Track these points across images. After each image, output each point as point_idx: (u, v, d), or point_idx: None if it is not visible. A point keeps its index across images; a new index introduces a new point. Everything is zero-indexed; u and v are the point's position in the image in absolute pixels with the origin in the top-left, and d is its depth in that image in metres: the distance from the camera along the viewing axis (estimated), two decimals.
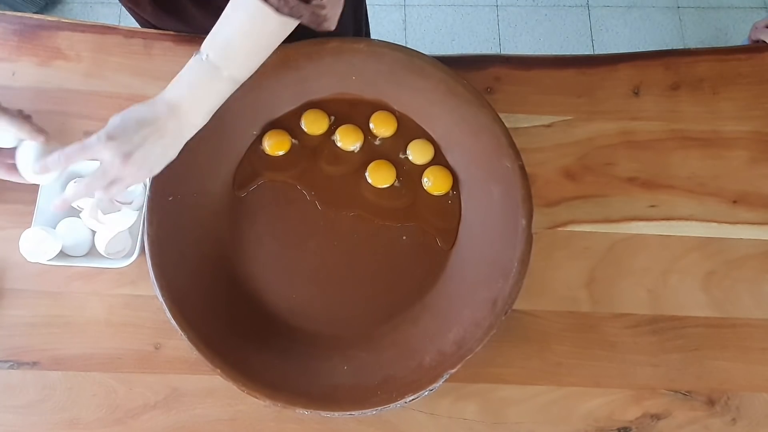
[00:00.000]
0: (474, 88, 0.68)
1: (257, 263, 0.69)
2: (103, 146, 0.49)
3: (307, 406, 0.60)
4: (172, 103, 0.52)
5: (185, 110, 0.52)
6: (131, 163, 0.51)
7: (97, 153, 0.50)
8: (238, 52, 0.52)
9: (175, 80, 0.52)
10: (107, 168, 0.51)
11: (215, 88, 0.53)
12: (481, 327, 0.62)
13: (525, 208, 0.64)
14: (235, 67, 0.53)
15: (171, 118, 0.51)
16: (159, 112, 0.51)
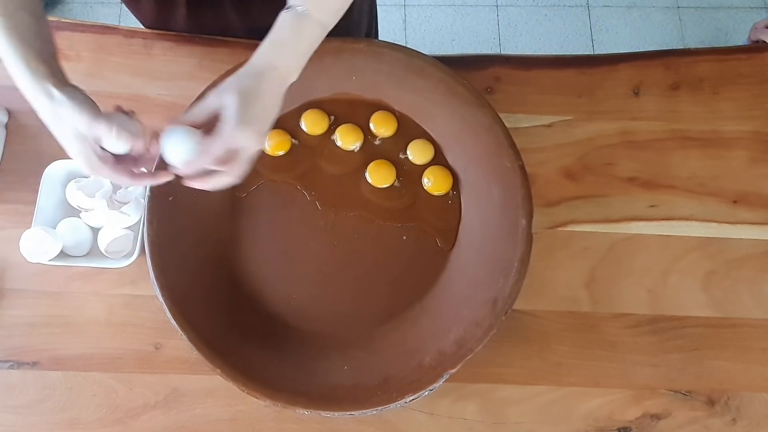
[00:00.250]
0: (474, 88, 0.68)
1: (257, 263, 0.69)
2: (240, 134, 0.50)
3: (307, 406, 0.60)
4: (274, 64, 0.52)
5: (286, 66, 0.53)
6: (264, 136, 0.53)
7: (236, 142, 0.50)
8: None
9: (269, 40, 0.52)
10: (248, 150, 0.52)
11: (308, 35, 0.53)
12: (481, 327, 0.62)
13: (525, 208, 0.64)
14: (324, 12, 0.53)
15: (276, 80, 0.52)
16: (268, 77, 0.52)
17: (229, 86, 0.50)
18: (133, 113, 0.54)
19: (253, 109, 0.50)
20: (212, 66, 0.77)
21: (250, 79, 0.51)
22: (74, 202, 0.68)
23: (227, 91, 0.50)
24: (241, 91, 0.50)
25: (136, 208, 0.69)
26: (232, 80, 0.51)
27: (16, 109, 0.75)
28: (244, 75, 0.51)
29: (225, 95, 0.50)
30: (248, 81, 0.51)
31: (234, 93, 0.50)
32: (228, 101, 0.50)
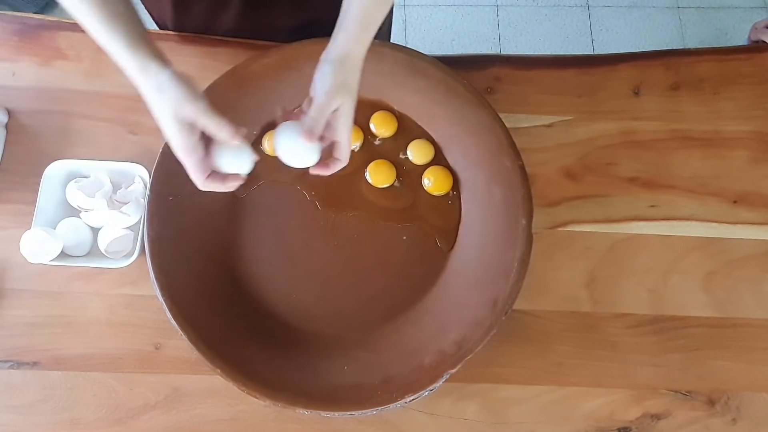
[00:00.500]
0: (474, 88, 0.68)
1: (257, 263, 0.69)
2: (334, 99, 0.54)
3: (307, 406, 0.60)
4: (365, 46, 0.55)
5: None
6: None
7: (332, 105, 0.54)
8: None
9: (358, 22, 0.54)
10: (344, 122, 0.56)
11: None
12: (482, 327, 0.62)
13: (525, 208, 0.64)
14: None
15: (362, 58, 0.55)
16: (361, 61, 0.55)
17: (344, 88, 0.54)
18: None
19: (355, 104, 0.55)
20: (213, 66, 0.77)
21: (355, 74, 0.55)
22: (74, 202, 0.68)
23: (344, 95, 0.54)
24: (352, 92, 0.55)
25: (136, 208, 0.69)
26: (343, 77, 0.54)
27: (16, 109, 0.75)
28: (350, 68, 0.55)
29: (344, 99, 0.54)
30: (354, 78, 0.55)
31: (349, 96, 0.54)
32: (345, 105, 0.54)
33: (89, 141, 0.74)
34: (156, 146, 0.66)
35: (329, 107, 0.54)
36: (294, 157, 0.57)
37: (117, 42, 0.50)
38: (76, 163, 0.70)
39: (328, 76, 0.54)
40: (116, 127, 0.75)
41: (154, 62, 0.51)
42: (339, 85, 0.54)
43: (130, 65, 0.51)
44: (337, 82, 0.54)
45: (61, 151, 0.73)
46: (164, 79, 0.50)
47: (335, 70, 0.54)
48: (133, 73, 0.51)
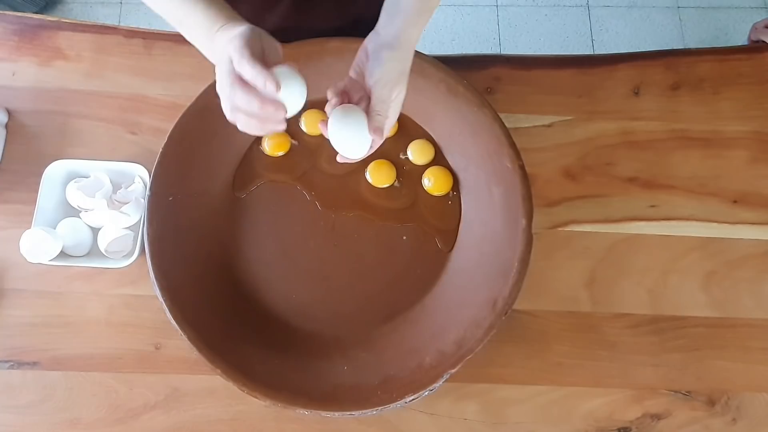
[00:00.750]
0: (474, 88, 0.68)
1: (257, 263, 0.69)
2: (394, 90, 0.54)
3: (307, 406, 0.60)
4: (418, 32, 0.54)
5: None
6: None
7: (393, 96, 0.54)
8: None
9: (413, 11, 0.53)
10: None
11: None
12: (481, 327, 0.62)
13: (525, 208, 0.64)
14: None
15: None
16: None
17: (401, 78, 0.53)
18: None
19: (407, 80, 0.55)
20: (212, 66, 0.76)
21: (409, 62, 0.54)
22: (74, 202, 0.68)
23: (403, 85, 0.54)
24: (405, 83, 0.54)
25: (136, 208, 0.69)
26: (398, 67, 0.53)
27: (16, 109, 0.75)
28: (405, 58, 0.54)
29: (401, 88, 0.54)
30: (408, 66, 0.54)
31: (405, 87, 0.54)
32: (401, 95, 0.54)
33: (89, 141, 0.74)
34: (156, 146, 0.66)
35: (391, 99, 0.53)
36: (351, 147, 0.55)
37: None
38: (75, 163, 0.70)
39: (388, 64, 0.52)
40: (116, 127, 0.75)
41: (219, 20, 0.52)
42: (399, 74, 0.53)
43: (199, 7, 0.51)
44: (398, 71, 0.53)
45: (61, 151, 0.73)
46: (231, 26, 0.50)
47: (395, 57, 0.53)
48: (201, 12, 0.51)
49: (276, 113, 0.48)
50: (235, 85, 0.47)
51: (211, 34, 0.52)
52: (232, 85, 0.47)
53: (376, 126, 0.53)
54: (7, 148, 0.74)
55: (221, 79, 0.48)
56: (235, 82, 0.47)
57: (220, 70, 0.48)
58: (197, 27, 0.53)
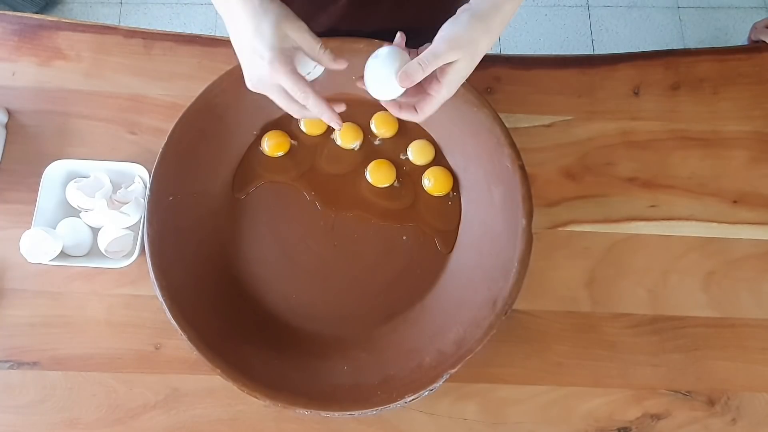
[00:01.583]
0: (474, 88, 0.68)
1: (257, 263, 0.69)
2: (449, 96, 0.51)
3: (307, 406, 0.60)
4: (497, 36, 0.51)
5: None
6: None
7: (446, 98, 0.51)
8: None
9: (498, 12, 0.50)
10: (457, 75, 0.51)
11: None
12: (481, 327, 0.62)
13: (525, 208, 0.64)
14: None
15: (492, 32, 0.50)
16: (488, 50, 0.51)
17: (467, 44, 0.49)
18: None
19: (471, 70, 0.50)
20: (212, 66, 0.77)
21: (484, 35, 0.49)
22: (74, 202, 0.68)
23: (465, 50, 0.49)
24: (474, 53, 0.49)
25: (136, 208, 0.69)
26: (470, 34, 0.49)
27: (16, 109, 0.75)
28: (479, 29, 0.49)
29: (462, 54, 0.49)
30: (482, 39, 0.49)
31: (469, 55, 0.49)
32: (461, 62, 0.49)
33: (89, 141, 0.74)
34: (156, 146, 0.66)
35: (444, 58, 0.49)
36: (379, 87, 0.52)
37: None
38: (75, 163, 0.70)
39: (460, 25, 0.48)
40: (116, 127, 0.75)
41: None
42: (467, 40, 0.48)
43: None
44: (467, 35, 0.48)
45: (61, 151, 0.73)
46: (269, 2, 0.49)
47: (472, 22, 0.49)
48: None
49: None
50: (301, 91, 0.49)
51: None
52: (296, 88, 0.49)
53: (405, 70, 0.49)
54: (7, 148, 0.74)
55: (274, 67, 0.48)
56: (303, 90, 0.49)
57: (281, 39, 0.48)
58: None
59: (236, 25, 0.50)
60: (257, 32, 0.48)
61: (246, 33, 0.49)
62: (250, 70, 0.51)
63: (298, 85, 0.50)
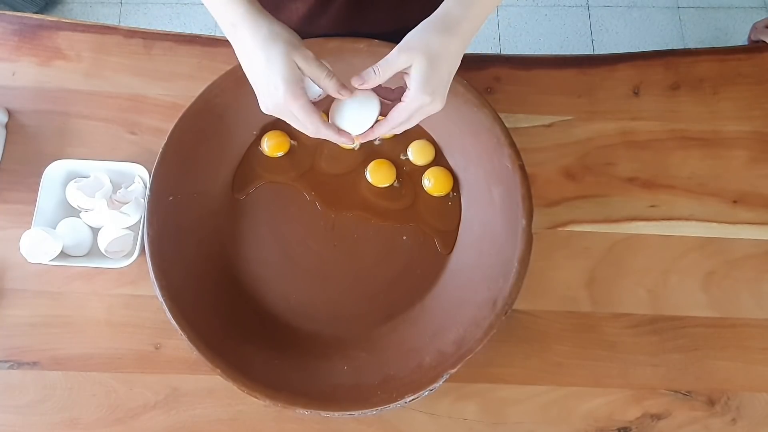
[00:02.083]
0: (474, 88, 0.68)
1: (257, 263, 0.69)
2: (425, 97, 0.50)
3: (307, 406, 0.60)
4: (462, 17, 0.49)
5: (473, 22, 0.50)
6: (444, 99, 0.52)
7: (419, 106, 0.50)
8: None
9: (460, 12, 0.50)
10: (428, 113, 0.52)
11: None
12: (481, 327, 0.62)
13: (525, 208, 0.64)
14: None
15: (462, 37, 0.50)
16: (455, 35, 0.49)
17: (419, 46, 0.49)
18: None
19: (439, 73, 0.49)
20: (212, 66, 0.77)
21: (439, 37, 0.49)
22: (74, 202, 0.68)
23: (416, 52, 0.48)
24: (429, 53, 0.48)
25: (136, 208, 0.69)
26: (421, 37, 0.49)
27: (16, 109, 0.75)
28: (432, 31, 0.49)
29: (414, 56, 0.48)
30: (437, 40, 0.49)
31: (422, 55, 0.48)
32: (416, 64, 0.48)
33: (89, 141, 0.74)
34: (156, 146, 0.66)
35: (396, 62, 0.49)
36: (348, 121, 0.54)
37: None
38: (75, 163, 0.70)
39: (415, 30, 0.49)
40: (116, 127, 0.75)
41: (262, 13, 0.50)
42: (419, 43, 0.48)
43: (235, 11, 0.49)
44: (418, 38, 0.49)
45: (61, 151, 0.73)
46: (278, 28, 0.50)
47: (425, 26, 0.49)
48: (237, 19, 0.49)
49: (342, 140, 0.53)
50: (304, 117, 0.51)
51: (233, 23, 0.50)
52: (301, 112, 0.50)
53: (361, 74, 0.50)
54: (7, 148, 0.74)
55: (285, 93, 0.50)
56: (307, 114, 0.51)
57: (292, 69, 0.49)
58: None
59: (247, 54, 0.51)
60: (269, 63, 0.49)
61: (258, 63, 0.50)
62: (265, 98, 0.52)
63: (309, 118, 0.51)
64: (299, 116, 0.51)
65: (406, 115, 0.52)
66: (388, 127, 0.53)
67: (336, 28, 0.72)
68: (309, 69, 0.50)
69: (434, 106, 0.51)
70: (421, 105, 0.50)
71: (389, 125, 0.53)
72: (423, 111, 0.52)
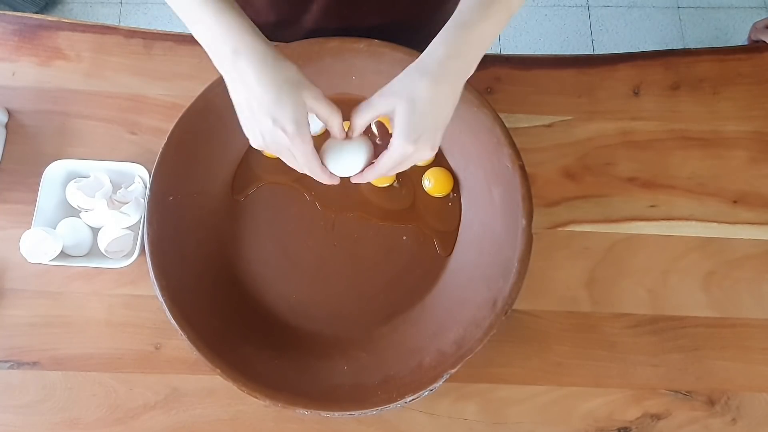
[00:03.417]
0: (474, 88, 0.68)
1: (257, 263, 0.69)
2: (410, 147, 0.48)
3: (307, 406, 0.60)
4: (456, 53, 0.47)
5: (468, 57, 0.47)
6: (436, 146, 0.49)
7: (406, 154, 0.49)
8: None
9: (452, 23, 0.47)
10: (417, 160, 0.50)
11: (496, 20, 0.47)
12: (481, 327, 0.62)
13: (525, 208, 0.64)
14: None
15: (455, 74, 0.47)
16: (446, 74, 0.46)
17: (400, 90, 0.46)
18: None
19: (425, 119, 0.46)
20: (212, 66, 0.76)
21: (424, 82, 0.46)
22: (74, 202, 0.68)
23: (397, 98, 0.46)
24: (412, 99, 0.46)
25: (136, 208, 0.69)
26: (404, 81, 0.47)
27: (16, 109, 0.75)
28: (418, 72, 0.46)
29: (394, 101, 0.46)
30: (421, 85, 0.46)
31: (404, 101, 0.46)
32: (398, 109, 0.46)
33: (89, 141, 0.74)
34: (156, 146, 0.66)
35: (375, 106, 0.48)
36: (339, 165, 0.54)
37: (208, 4, 0.45)
38: (75, 163, 0.70)
39: (397, 76, 0.47)
40: (116, 127, 0.75)
41: (266, 41, 0.47)
42: (400, 87, 0.46)
43: (240, 38, 0.46)
44: (399, 83, 0.47)
45: (61, 151, 0.73)
46: (282, 58, 0.47)
47: (408, 70, 0.47)
48: (241, 46, 0.46)
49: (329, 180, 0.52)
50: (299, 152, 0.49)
51: (227, 52, 0.47)
52: (297, 149, 0.48)
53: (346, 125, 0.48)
54: (7, 148, 0.74)
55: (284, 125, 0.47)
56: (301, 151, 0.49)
57: (299, 106, 0.47)
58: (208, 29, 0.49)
59: (248, 86, 0.47)
60: (279, 103, 0.46)
61: (263, 99, 0.46)
62: (260, 134, 0.49)
63: (309, 162, 0.50)
64: (299, 158, 0.49)
65: (391, 164, 0.50)
66: (375, 175, 0.51)
67: (325, 18, 0.72)
68: (319, 108, 0.48)
69: (421, 155, 0.48)
70: (403, 154, 0.48)
71: (376, 173, 0.51)
72: (410, 159, 0.49)
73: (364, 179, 0.53)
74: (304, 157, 0.49)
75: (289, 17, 0.73)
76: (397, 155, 0.48)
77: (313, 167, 0.50)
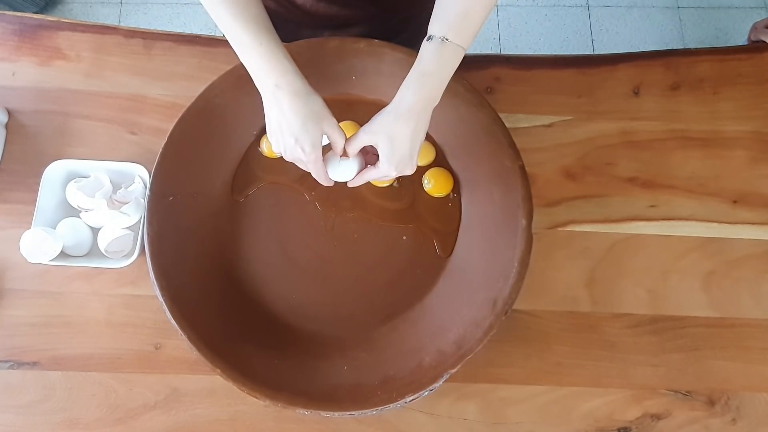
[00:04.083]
0: (474, 88, 0.68)
1: (257, 263, 0.69)
2: (393, 169, 0.58)
3: (307, 406, 0.60)
4: (422, 96, 0.56)
5: (432, 96, 0.56)
6: (415, 162, 0.59)
7: (391, 173, 0.59)
8: (473, 22, 0.55)
9: (416, 73, 0.56)
10: (401, 174, 0.60)
11: (450, 62, 0.56)
12: (481, 327, 0.62)
13: (525, 208, 0.64)
14: (464, 37, 0.55)
15: (423, 111, 0.57)
16: (416, 114, 0.56)
17: (381, 130, 0.57)
18: None
19: (400, 151, 0.57)
20: (212, 66, 0.77)
21: (399, 122, 0.56)
22: (74, 202, 0.68)
23: (378, 135, 0.57)
24: (391, 135, 0.56)
25: (136, 208, 0.69)
26: (381, 122, 0.57)
27: (16, 109, 0.75)
28: (394, 116, 0.56)
29: (377, 138, 0.57)
30: (393, 126, 0.56)
31: (384, 138, 0.57)
32: (381, 145, 0.57)
33: (89, 141, 0.74)
34: (156, 146, 0.66)
35: (360, 140, 0.58)
36: (335, 171, 0.62)
37: (261, 43, 0.55)
38: (75, 163, 0.70)
39: (379, 117, 0.57)
40: (116, 127, 0.75)
41: (300, 75, 0.57)
42: (379, 129, 0.57)
43: (283, 76, 0.56)
44: (378, 125, 0.57)
45: (61, 151, 0.73)
46: (311, 92, 0.57)
47: (384, 113, 0.57)
48: (283, 82, 0.56)
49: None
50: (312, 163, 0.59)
51: (269, 81, 0.56)
52: (312, 162, 0.59)
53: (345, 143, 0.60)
54: (7, 148, 0.74)
55: (308, 142, 0.57)
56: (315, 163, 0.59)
57: (317, 131, 0.58)
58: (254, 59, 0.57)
59: (283, 112, 0.56)
60: (304, 129, 0.56)
61: (292, 124, 0.56)
62: (285, 146, 0.59)
63: (319, 172, 0.61)
64: (311, 168, 0.60)
65: (377, 177, 0.61)
66: (362, 180, 0.62)
67: (317, 5, 0.74)
68: (332, 134, 0.59)
69: (401, 173, 0.59)
70: (387, 174, 0.59)
71: (363, 180, 0.62)
72: (393, 176, 0.60)
73: (354, 184, 0.63)
74: (315, 168, 0.60)
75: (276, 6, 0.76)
76: (382, 174, 0.60)
77: (320, 175, 0.61)
